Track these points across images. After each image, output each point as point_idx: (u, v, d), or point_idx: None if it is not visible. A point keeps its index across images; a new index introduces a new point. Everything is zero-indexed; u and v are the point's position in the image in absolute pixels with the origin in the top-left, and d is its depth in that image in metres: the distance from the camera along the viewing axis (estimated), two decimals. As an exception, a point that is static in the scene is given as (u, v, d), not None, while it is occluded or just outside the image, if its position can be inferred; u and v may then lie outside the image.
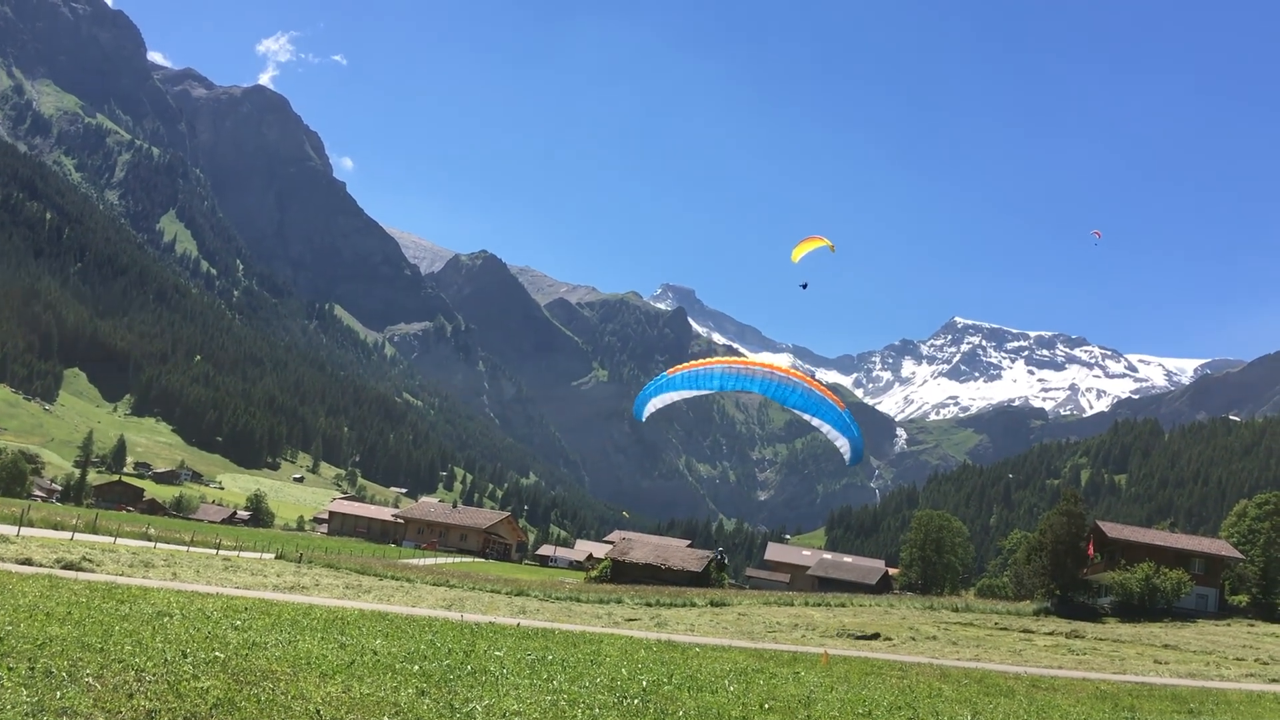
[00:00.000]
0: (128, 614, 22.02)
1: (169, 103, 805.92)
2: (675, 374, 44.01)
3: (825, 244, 45.48)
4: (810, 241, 45.78)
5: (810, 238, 45.63)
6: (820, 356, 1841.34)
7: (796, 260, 46.17)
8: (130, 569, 41.28)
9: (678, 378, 43.89)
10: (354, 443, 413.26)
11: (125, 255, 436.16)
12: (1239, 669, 47.19)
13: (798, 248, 46.06)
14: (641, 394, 44.61)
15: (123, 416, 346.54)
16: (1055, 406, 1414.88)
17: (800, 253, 46.04)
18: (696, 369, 43.93)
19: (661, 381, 44.14)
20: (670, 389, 43.98)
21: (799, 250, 46.09)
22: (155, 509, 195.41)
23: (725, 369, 43.97)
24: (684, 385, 44.05)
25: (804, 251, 46.01)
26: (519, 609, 49.61)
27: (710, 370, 43.76)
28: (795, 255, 46.11)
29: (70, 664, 14.38)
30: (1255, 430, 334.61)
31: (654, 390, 43.99)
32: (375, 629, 26.12)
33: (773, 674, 26.80)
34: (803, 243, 45.94)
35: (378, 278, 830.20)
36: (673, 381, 43.86)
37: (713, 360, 44.28)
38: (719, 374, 43.60)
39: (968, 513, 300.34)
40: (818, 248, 45.79)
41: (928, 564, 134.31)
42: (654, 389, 44.16)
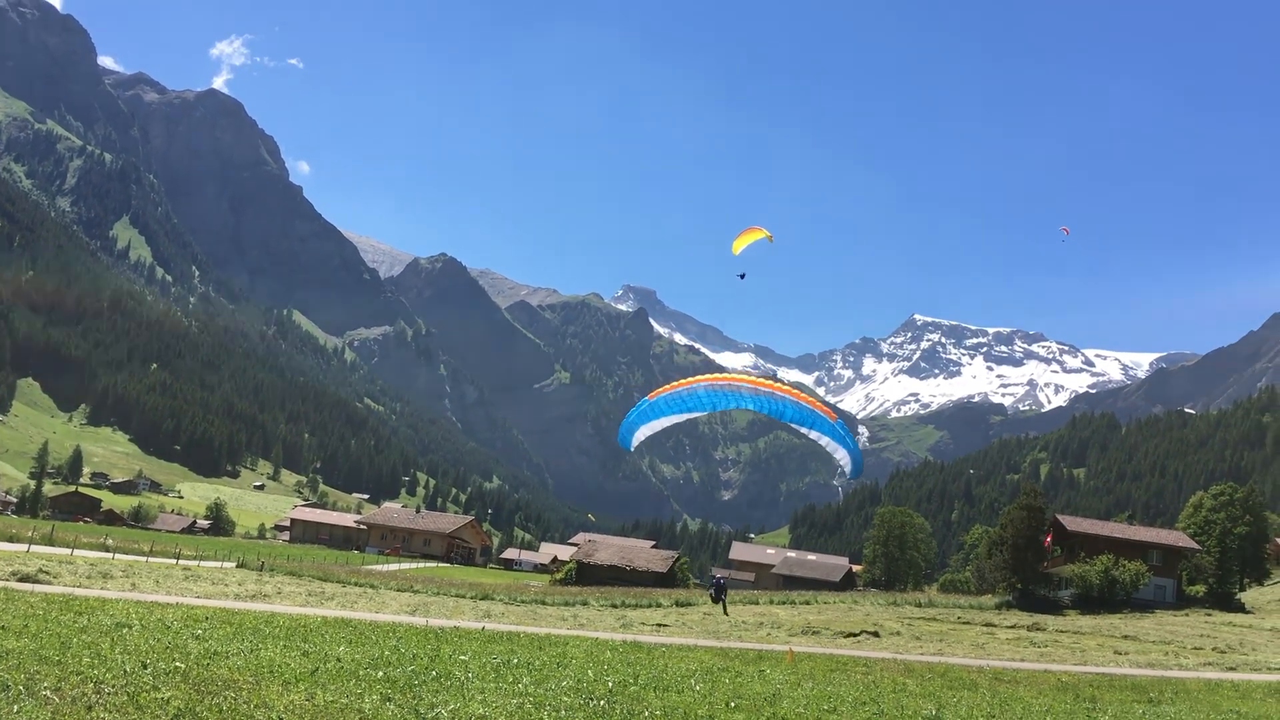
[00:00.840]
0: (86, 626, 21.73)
1: (121, 108, 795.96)
2: (659, 397, 43.30)
3: (764, 235, 45.85)
4: (750, 233, 46.18)
5: (750, 229, 46.06)
6: (782, 355, 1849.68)
7: (737, 253, 46.51)
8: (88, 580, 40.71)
9: (662, 401, 43.11)
10: (315, 449, 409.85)
11: (78, 263, 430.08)
12: (1197, 658, 47.87)
13: (738, 240, 46.41)
14: (626, 423, 43.96)
15: (78, 426, 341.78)
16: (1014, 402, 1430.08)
17: (741, 245, 46.35)
18: (680, 390, 43.28)
19: (645, 407, 43.37)
20: (657, 415, 43.17)
21: (739, 242, 46.43)
22: (113, 519, 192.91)
23: (710, 387, 43.29)
24: (671, 410, 43.27)
25: (744, 244, 46.34)
26: (484, 613, 49.40)
27: (694, 390, 43.06)
28: (736, 248, 46.46)
29: (27, 677, 14.15)
30: (1210, 422, 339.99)
31: (639, 418, 43.33)
32: (339, 636, 25.93)
33: (738, 672, 26.87)
34: (743, 234, 46.31)
35: (336, 282, 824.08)
36: (657, 406, 42.97)
37: (696, 380, 43.69)
38: (704, 393, 42.92)
39: (930, 509, 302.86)
40: (757, 239, 46.22)
41: (891, 560, 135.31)
42: (639, 416, 43.52)
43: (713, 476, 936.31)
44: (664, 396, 43.23)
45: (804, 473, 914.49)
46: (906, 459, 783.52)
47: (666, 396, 43.14)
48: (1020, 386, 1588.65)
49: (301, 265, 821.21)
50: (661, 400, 43.12)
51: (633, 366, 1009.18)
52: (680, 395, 42.85)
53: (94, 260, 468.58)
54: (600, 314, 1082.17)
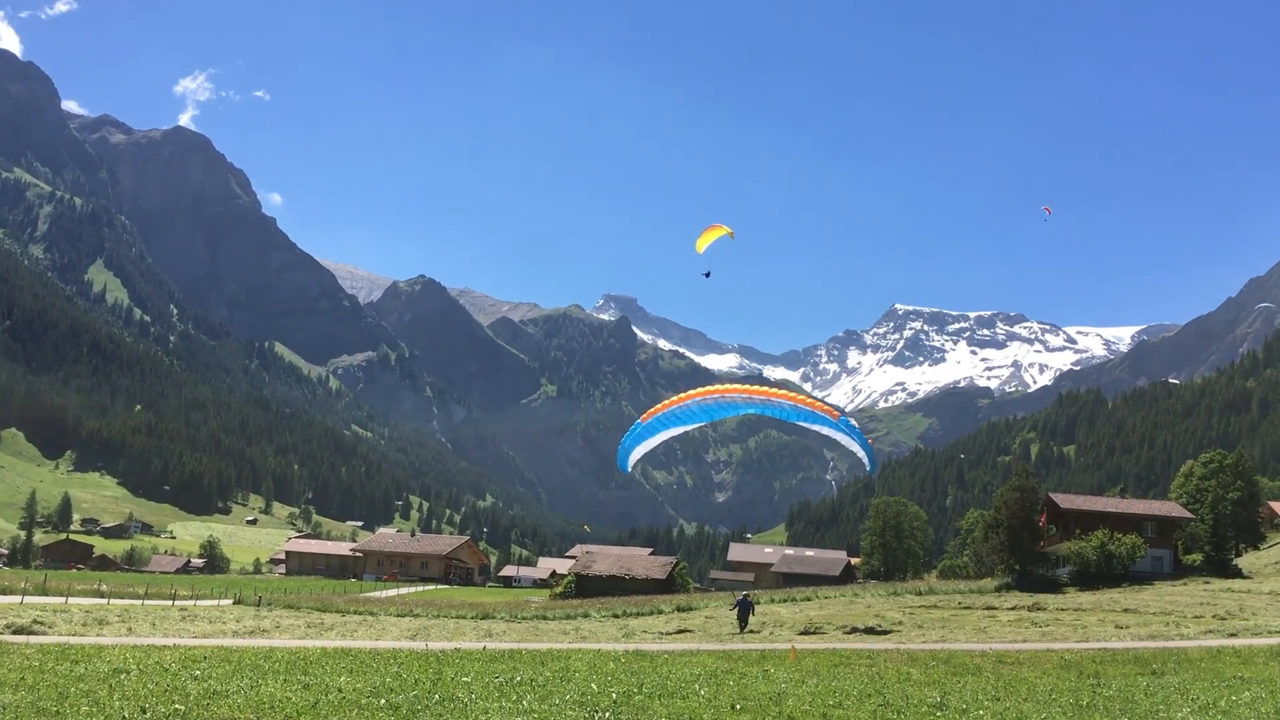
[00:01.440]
0: (83, 674, 21.55)
1: (88, 151, 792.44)
2: (653, 417, 43.36)
3: (726, 232, 46.08)
4: (712, 231, 46.39)
5: (712, 227, 46.30)
6: (766, 354, 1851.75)
7: (701, 251, 46.68)
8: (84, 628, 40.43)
9: (655, 421, 43.22)
10: (305, 480, 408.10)
11: (55, 309, 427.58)
12: (1198, 626, 48.08)
13: (701, 238, 46.59)
14: (621, 448, 44.03)
15: (65, 473, 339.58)
16: (1000, 384, 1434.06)
17: (704, 243, 46.51)
18: (673, 408, 43.30)
19: (639, 430, 43.43)
20: (651, 434, 43.12)
21: (702, 240, 46.61)
22: (106, 564, 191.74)
23: (702, 402, 43.39)
24: (665, 426, 43.21)
25: (708, 242, 46.50)
26: (485, 632, 49.26)
27: (687, 406, 43.15)
28: (699, 246, 46.65)
29: (25, 731, 14.03)
30: (1195, 391, 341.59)
31: (633, 441, 43.32)
32: (339, 666, 25.79)
33: (742, 674, 26.85)
34: (705, 233, 46.50)
35: (316, 311, 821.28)
36: (651, 426, 43.03)
37: (689, 396, 43.72)
38: (697, 407, 43.02)
39: (923, 496, 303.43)
40: (719, 236, 46.44)
41: (889, 550, 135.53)
42: (633, 440, 43.51)
43: (706, 479, 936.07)
44: (657, 416, 43.22)
45: (797, 469, 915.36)
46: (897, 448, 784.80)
47: (659, 415, 43.15)
48: (1005, 368, 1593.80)
49: (280, 297, 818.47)
50: (655, 420, 43.13)
51: (618, 375, 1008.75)
52: (673, 411, 42.88)
53: (71, 305, 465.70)
54: (583, 325, 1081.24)
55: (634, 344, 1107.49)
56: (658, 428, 43.25)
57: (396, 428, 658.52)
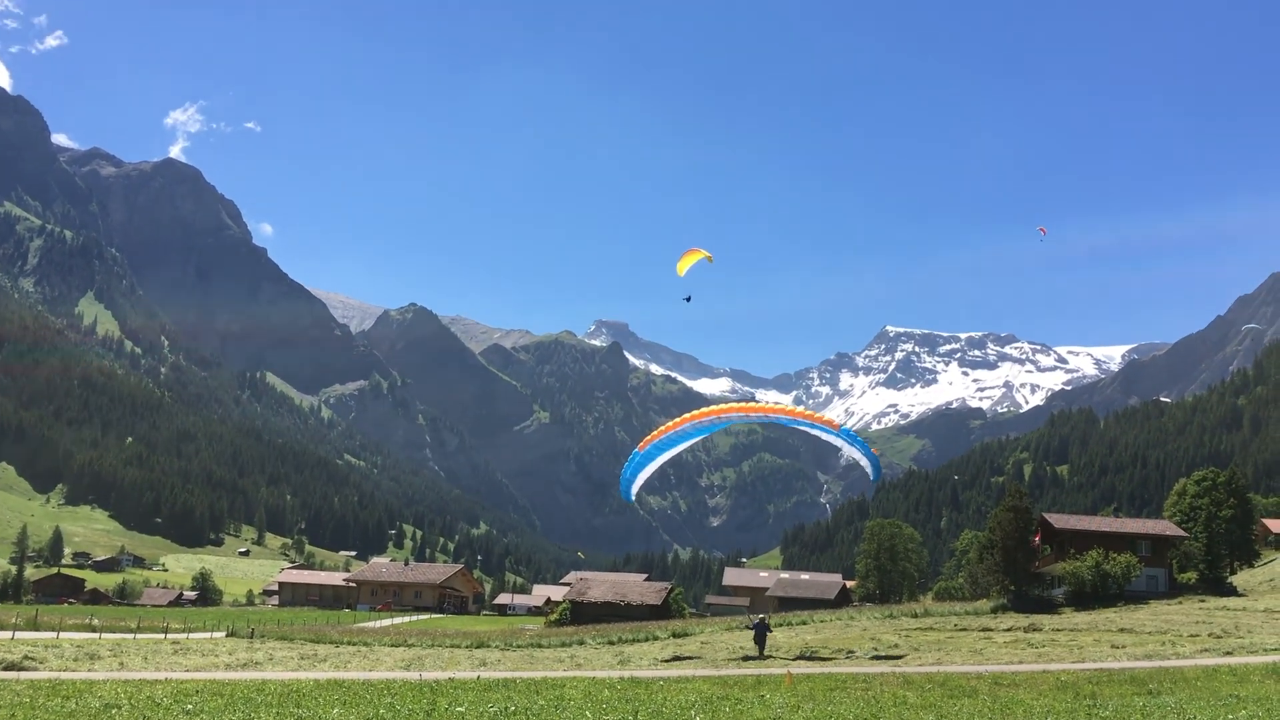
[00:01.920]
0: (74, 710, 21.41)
1: (78, 184, 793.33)
2: (650, 445, 43.28)
3: (705, 256, 46.37)
4: (691, 254, 46.63)
5: (691, 250, 46.58)
6: (759, 377, 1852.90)
7: (682, 274, 46.91)
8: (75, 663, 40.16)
9: (652, 447, 43.18)
10: (298, 510, 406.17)
11: (46, 342, 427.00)
12: (1193, 645, 48.03)
13: (681, 261, 46.82)
14: (623, 477, 43.96)
15: (57, 507, 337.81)
16: (992, 405, 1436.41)
17: (684, 266, 46.73)
18: (669, 434, 43.20)
19: (637, 459, 43.35)
20: (649, 460, 43.06)
21: (683, 264, 46.83)
22: (98, 598, 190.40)
23: (697, 424, 43.34)
24: (663, 449, 43.18)
25: (688, 265, 46.72)
26: (479, 661, 49.01)
27: (682, 430, 43.04)
28: (680, 269, 46.86)
29: (14, 769, 13.94)
30: (1186, 410, 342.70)
31: (634, 470, 43.21)
32: (332, 698, 25.64)
33: (738, 700, 26.74)
34: (684, 256, 46.72)
35: (308, 341, 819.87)
36: (649, 453, 42.97)
37: (683, 420, 43.58)
38: (692, 429, 42.93)
39: (918, 518, 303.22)
40: (699, 260, 46.71)
41: (884, 573, 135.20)
42: (633, 469, 43.40)
43: (700, 504, 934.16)
44: (654, 442, 43.17)
45: (790, 493, 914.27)
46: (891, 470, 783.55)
47: (656, 441, 43.13)
48: (997, 389, 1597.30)
49: (271, 327, 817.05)
50: (652, 446, 43.08)
51: (611, 400, 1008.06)
52: (669, 436, 42.84)
53: (61, 339, 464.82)
54: (575, 351, 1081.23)
55: (626, 369, 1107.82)
56: (655, 453, 43.15)
57: (389, 456, 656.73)
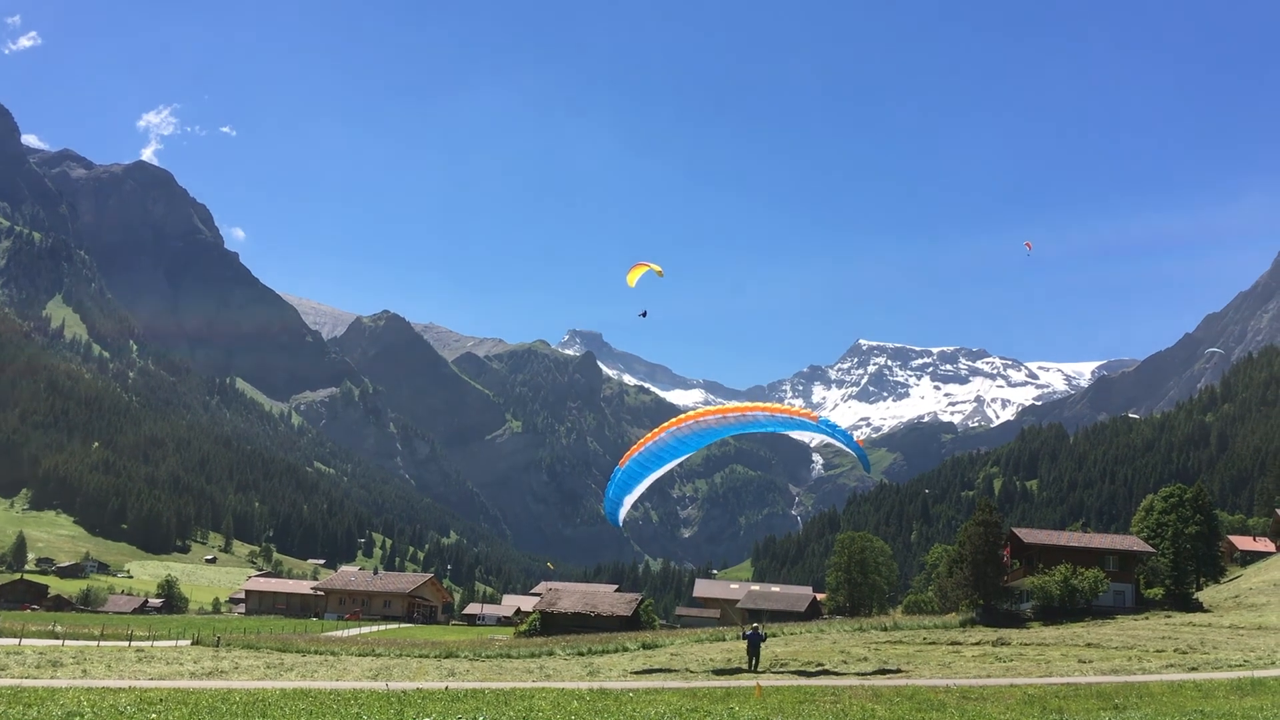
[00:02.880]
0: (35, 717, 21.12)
1: (48, 185, 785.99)
2: (631, 460, 42.52)
3: (654, 269, 46.51)
4: (640, 267, 46.80)
5: (639, 264, 46.86)
6: (731, 389, 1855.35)
7: (632, 285, 47.02)
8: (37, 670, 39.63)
9: (635, 465, 42.34)
10: (266, 517, 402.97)
11: (12, 345, 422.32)
12: (1159, 660, 48.38)
13: (630, 273, 46.94)
14: (608, 501, 43.34)
15: (20, 512, 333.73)
16: (963, 419, 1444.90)
17: (634, 277, 46.87)
18: (649, 447, 42.47)
19: (620, 478, 42.64)
20: (636, 481, 42.44)
21: (632, 275, 46.96)
22: (62, 605, 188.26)
23: (677, 433, 42.42)
24: (649, 469, 42.54)
25: (637, 275, 46.86)
26: (448, 671, 48.71)
27: (662, 442, 42.24)
28: (630, 280, 47.01)
29: (-28, 779, 13.71)
30: (1154, 426, 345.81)
31: (620, 491, 42.58)
32: (298, 708, 25.40)
33: (707, 712, 26.68)
34: (633, 269, 46.87)
35: (278, 347, 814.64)
36: (632, 472, 42.20)
37: (661, 430, 42.93)
38: (674, 441, 42.17)
39: (888, 531, 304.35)
40: (647, 272, 46.88)
41: (854, 586, 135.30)
42: (618, 490, 42.71)
43: (671, 515, 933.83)
44: (636, 459, 42.48)
45: (762, 505, 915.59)
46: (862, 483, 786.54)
47: (639, 457, 42.47)
48: (968, 404, 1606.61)
49: (242, 332, 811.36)
50: (635, 464, 42.39)
51: (584, 410, 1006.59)
52: (652, 451, 42.17)
53: (28, 341, 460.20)
54: (548, 360, 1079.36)
55: (599, 379, 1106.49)
56: (641, 473, 42.56)
57: (359, 464, 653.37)
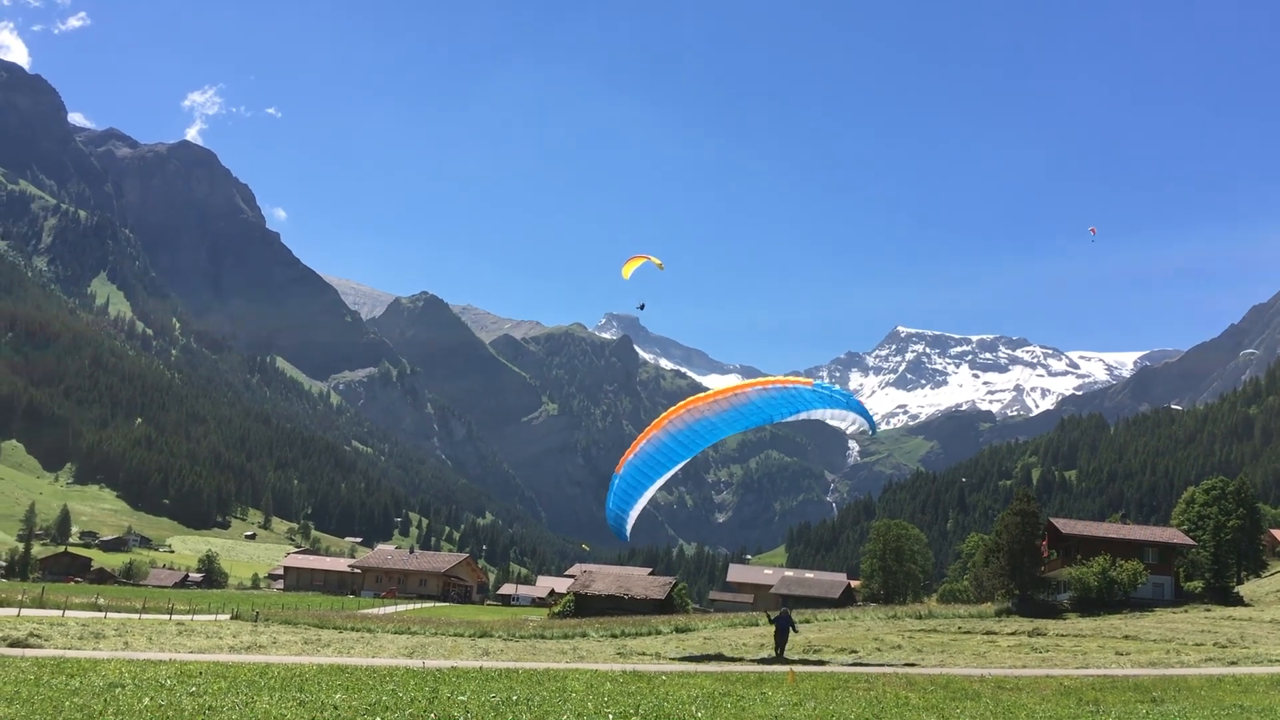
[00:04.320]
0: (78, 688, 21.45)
1: (93, 164, 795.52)
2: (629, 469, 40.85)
3: (653, 261, 46.06)
4: (638, 259, 46.36)
5: (637, 256, 46.45)
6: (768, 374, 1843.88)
7: (627, 276, 46.57)
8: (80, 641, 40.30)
9: (635, 474, 40.65)
10: (305, 495, 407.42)
11: (58, 321, 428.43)
12: (1198, 654, 47.86)
13: (626, 265, 46.50)
14: (612, 514, 42.01)
15: (65, 486, 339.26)
16: (1002, 408, 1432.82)
17: (630, 269, 46.42)
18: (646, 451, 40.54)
19: (621, 488, 41.11)
20: (640, 491, 41.15)
21: (628, 267, 46.50)
22: (104, 578, 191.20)
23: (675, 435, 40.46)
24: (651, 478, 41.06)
25: (633, 267, 46.39)
26: (482, 650, 49.04)
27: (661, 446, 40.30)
28: (625, 272, 46.57)
29: (17, 745, 13.95)
30: (1197, 418, 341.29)
31: (623, 503, 41.24)
32: (335, 683, 25.65)
33: (740, 696, 26.68)
34: (630, 260, 46.44)
35: (318, 326, 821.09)
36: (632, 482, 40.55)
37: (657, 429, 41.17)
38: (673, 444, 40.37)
39: (924, 519, 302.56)
40: (643, 263, 46.41)
41: (889, 574, 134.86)
42: (620, 502, 41.24)
43: (706, 500, 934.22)
44: (636, 467, 40.94)
45: (797, 491, 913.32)
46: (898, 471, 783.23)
47: (639, 465, 40.98)
48: (1007, 392, 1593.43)
49: (282, 311, 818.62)
50: (636, 473, 40.87)
51: (620, 394, 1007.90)
52: (653, 457, 40.57)
53: (73, 318, 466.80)
54: (585, 344, 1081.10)
55: (635, 363, 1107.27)
56: (644, 483, 41.30)
57: (397, 444, 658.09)
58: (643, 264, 46.88)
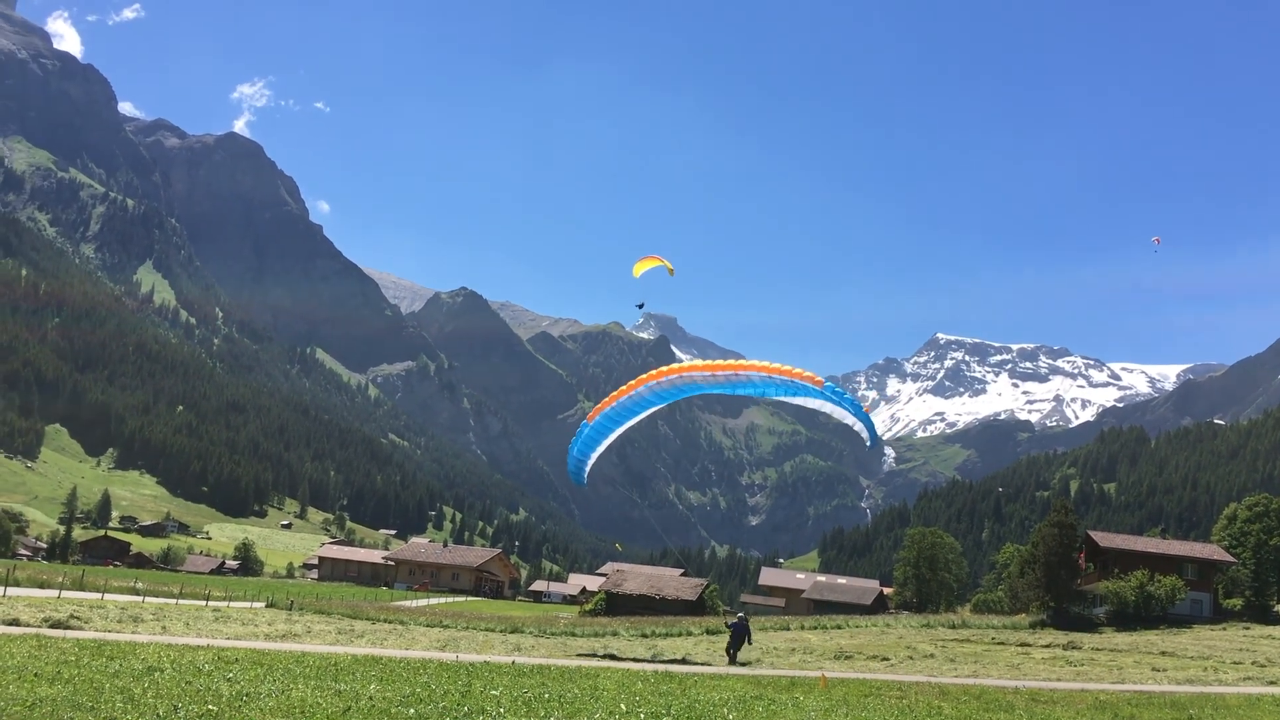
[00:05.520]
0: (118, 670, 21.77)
1: (142, 153, 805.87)
2: (600, 415, 40.02)
3: (663, 264, 45.62)
4: (649, 260, 45.88)
5: (650, 257, 45.99)
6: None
7: (637, 275, 46.16)
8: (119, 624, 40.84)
9: (602, 419, 39.62)
10: (341, 486, 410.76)
11: (103, 308, 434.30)
12: (1236, 673, 47.19)
13: (638, 265, 46.05)
14: (574, 457, 40.97)
15: (106, 471, 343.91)
16: (1041, 418, 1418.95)
17: (640, 269, 45.97)
18: (622, 400, 39.71)
19: (587, 434, 40.32)
20: (602, 437, 40.14)
21: (639, 266, 46.03)
22: (142, 562, 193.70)
23: (655, 386, 39.92)
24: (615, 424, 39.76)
25: (644, 268, 45.90)
26: (514, 646, 49.25)
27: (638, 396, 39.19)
28: (636, 271, 46.15)
29: (60, 724, 14.18)
30: (1240, 433, 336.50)
31: (585, 448, 40.45)
32: (369, 674, 25.88)
33: (771, 700, 26.64)
34: (642, 260, 45.96)
35: (358, 319, 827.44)
36: (599, 428, 39.67)
37: (639, 383, 40.45)
38: (649, 394, 39.29)
39: (959, 528, 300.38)
40: (656, 266, 45.92)
41: (922, 582, 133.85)
42: (584, 446, 40.39)
43: (739, 502, 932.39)
44: (605, 413, 40.20)
45: (831, 496, 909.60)
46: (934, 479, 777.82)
47: (608, 411, 40.25)
48: (1046, 403, 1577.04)
49: (323, 303, 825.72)
50: (604, 418, 40.19)
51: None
52: (623, 404, 39.64)
53: (119, 305, 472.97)
54: (622, 343, 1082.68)
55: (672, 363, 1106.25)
56: (610, 427, 40.46)
57: (433, 438, 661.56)
58: (655, 267, 46.49)
